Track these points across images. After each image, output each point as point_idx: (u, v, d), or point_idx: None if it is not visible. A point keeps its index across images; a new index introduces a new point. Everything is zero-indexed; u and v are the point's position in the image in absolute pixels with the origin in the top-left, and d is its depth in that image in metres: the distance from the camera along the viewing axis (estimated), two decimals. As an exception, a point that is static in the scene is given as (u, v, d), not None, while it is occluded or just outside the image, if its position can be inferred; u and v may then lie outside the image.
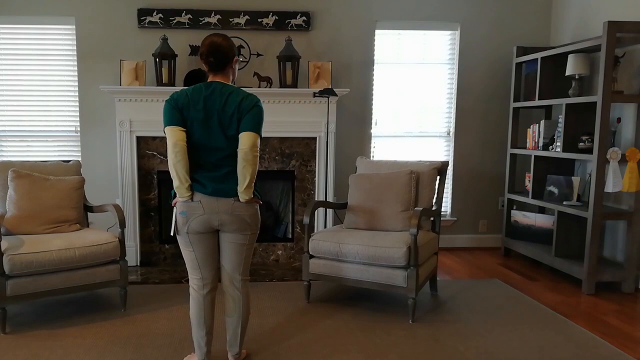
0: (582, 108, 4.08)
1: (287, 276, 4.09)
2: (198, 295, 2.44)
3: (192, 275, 2.46)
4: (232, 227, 2.38)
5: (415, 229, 3.08)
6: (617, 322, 3.23)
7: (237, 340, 2.53)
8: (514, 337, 2.98)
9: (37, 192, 3.32)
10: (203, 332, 2.45)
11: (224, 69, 2.36)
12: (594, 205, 3.72)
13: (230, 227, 2.38)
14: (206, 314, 2.45)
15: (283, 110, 4.29)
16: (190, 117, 2.29)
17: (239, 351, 2.56)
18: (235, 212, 2.35)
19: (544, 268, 4.46)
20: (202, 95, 2.30)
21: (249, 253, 2.50)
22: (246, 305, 2.51)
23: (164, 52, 4.25)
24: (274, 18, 4.60)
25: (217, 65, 2.33)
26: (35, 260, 2.94)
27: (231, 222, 2.36)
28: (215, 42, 2.32)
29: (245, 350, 2.72)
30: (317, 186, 4.45)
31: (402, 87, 4.98)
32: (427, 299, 3.59)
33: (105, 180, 4.64)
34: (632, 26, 3.56)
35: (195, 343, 2.48)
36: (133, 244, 4.29)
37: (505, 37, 4.96)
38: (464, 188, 5.11)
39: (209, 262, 2.45)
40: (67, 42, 4.59)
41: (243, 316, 2.50)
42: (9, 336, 2.91)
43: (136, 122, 4.22)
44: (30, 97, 4.61)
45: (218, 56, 2.31)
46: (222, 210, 2.34)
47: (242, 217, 2.37)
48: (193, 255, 2.42)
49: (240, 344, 2.55)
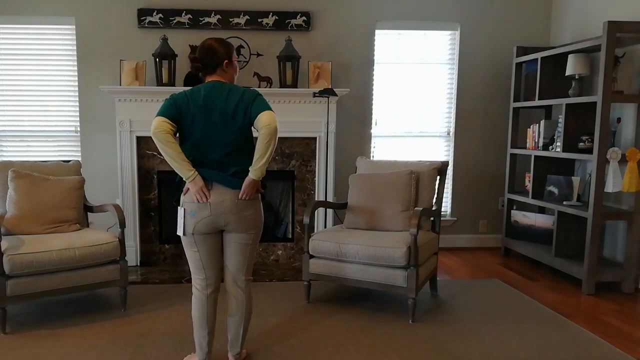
0: (582, 108, 4.08)
1: (287, 276, 4.09)
2: (201, 295, 2.45)
3: (195, 275, 2.46)
4: (237, 227, 2.39)
5: (415, 229, 3.08)
6: (617, 322, 3.23)
7: (239, 340, 2.53)
8: (514, 337, 2.98)
9: (37, 192, 3.32)
10: (205, 332, 2.45)
11: (215, 70, 2.38)
12: (594, 205, 3.72)
13: (235, 227, 2.39)
14: (209, 314, 2.45)
15: (283, 110, 4.29)
16: (190, 114, 2.29)
17: (239, 351, 2.56)
18: (241, 212, 2.36)
19: (544, 268, 4.46)
20: (201, 93, 2.32)
21: (253, 253, 2.50)
22: (249, 305, 2.52)
23: (164, 52, 4.25)
24: (274, 18, 4.60)
25: (205, 65, 2.37)
26: (35, 260, 2.94)
27: (236, 222, 2.37)
28: (205, 43, 2.39)
29: (246, 350, 2.72)
30: (317, 186, 4.45)
31: (402, 87, 4.98)
32: (427, 299, 3.59)
33: (105, 180, 4.64)
34: (632, 26, 3.56)
35: (196, 343, 2.48)
36: (133, 244, 4.29)
37: (505, 37, 4.96)
38: (464, 188, 5.11)
39: (213, 263, 2.45)
40: (67, 42, 4.59)
41: (245, 316, 2.51)
42: (9, 336, 2.91)
43: (136, 122, 4.22)
44: (30, 97, 4.61)
45: (206, 55, 2.35)
46: (228, 210, 2.34)
47: (247, 217, 2.38)
48: (197, 256, 2.42)
49: (241, 344, 2.55)
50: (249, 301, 2.52)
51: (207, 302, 2.45)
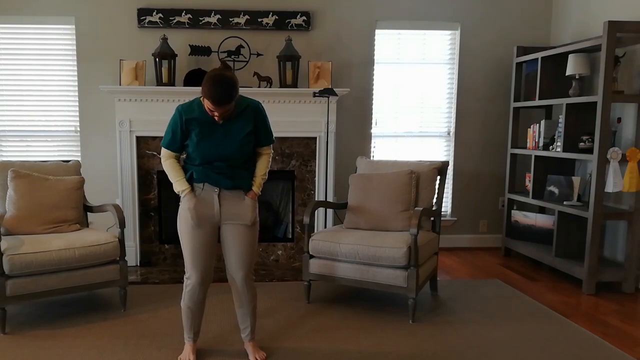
0: (583, 108, 4.08)
1: (287, 276, 4.09)
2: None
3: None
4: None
5: (415, 229, 3.08)
6: (617, 322, 3.23)
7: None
8: (514, 337, 2.97)
9: (37, 192, 3.32)
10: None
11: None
12: (594, 205, 3.72)
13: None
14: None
15: (283, 110, 4.29)
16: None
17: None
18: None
19: (544, 268, 4.46)
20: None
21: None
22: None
23: (164, 52, 4.25)
24: (274, 18, 4.60)
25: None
26: (35, 260, 2.93)
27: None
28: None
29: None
30: (317, 186, 4.45)
31: (402, 87, 4.97)
32: (427, 299, 3.59)
33: (105, 180, 4.63)
34: (632, 26, 3.56)
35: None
36: (133, 244, 4.29)
37: (505, 37, 4.96)
38: (464, 188, 5.11)
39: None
40: (67, 42, 4.58)
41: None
42: (9, 336, 2.91)
43: (136, 122, 4.21)
44: (30, 97, 4.61)
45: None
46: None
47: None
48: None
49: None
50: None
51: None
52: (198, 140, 2.42)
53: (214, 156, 2.43)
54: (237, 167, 2.48)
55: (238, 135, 2.44)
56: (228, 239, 2.54)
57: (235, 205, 2.51)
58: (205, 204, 2.49)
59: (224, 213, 2.50)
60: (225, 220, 2.51)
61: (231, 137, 2.43)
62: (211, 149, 2.42)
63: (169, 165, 2.53)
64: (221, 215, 2.50)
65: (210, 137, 2.42)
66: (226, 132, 2.43)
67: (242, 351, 2.69)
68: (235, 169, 2.48)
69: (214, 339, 2.87)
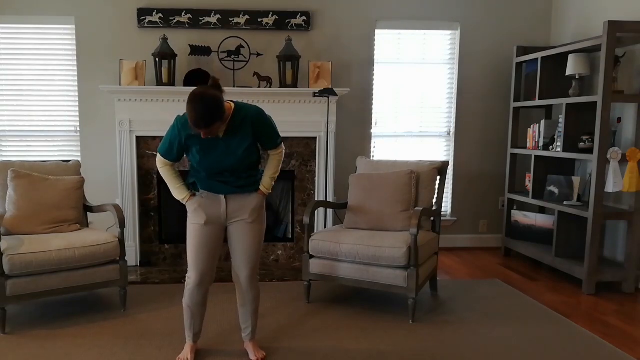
0: (583, 108, 4.08)
1: (287, 276, 4.09)
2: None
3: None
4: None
5: (415, 229, 3.08)
6: (617, 322, 3.23)
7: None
8: (514, 337, 2.97)
9: (37, 192, 3.32)
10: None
11: None
12: (594, 205, 3.72)
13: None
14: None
15: (283, 110, 4.29)
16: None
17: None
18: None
19: (544, 268, 4.46)
20: None
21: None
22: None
23: (164, 52, 4.25)
24: (274, 18, 4.60)
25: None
26: (35, 260, 2.93)
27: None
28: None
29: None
30: (317, 186, 4.45)
31: (402, 87, 4.97)
32: (427, 299, 3.59)
33: (105, 180, 4.63)
34: (632, 26, 3.56)
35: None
36: (133, 244, 4.29)
37: (505, 37, 4.96)
38: (464, 188, 5.11)
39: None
40: (67, 42, 4.58)
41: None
42: (9, 336, 2.91)
43: (136, 122, 4.21)
44: (30, 97, 4.61)
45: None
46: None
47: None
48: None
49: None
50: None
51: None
52: (200, 157, 2.41)
53: (218, 169, 2.44)
54: (243, 173, 2.48)
55: (238, 150, 2.42)
56: (233, 236, 2.55)
57: (241, 202, 2.52)
58: (211, 204, 2.50)
59: (230, 212, 2.51)
60: (232, 218, 2.53)
61: (232, 152, 2.41)
62: (214, 163, 2.42)
63: (166, 173, 2.53)
64: (227, 215, 2.51)
65: (212, 153, 2.40)
66: (227, 147, 2.41)
67: (242, 351, 2.70)
68: (241, 177, 2.48)
69: (214, 339, 2.87)
